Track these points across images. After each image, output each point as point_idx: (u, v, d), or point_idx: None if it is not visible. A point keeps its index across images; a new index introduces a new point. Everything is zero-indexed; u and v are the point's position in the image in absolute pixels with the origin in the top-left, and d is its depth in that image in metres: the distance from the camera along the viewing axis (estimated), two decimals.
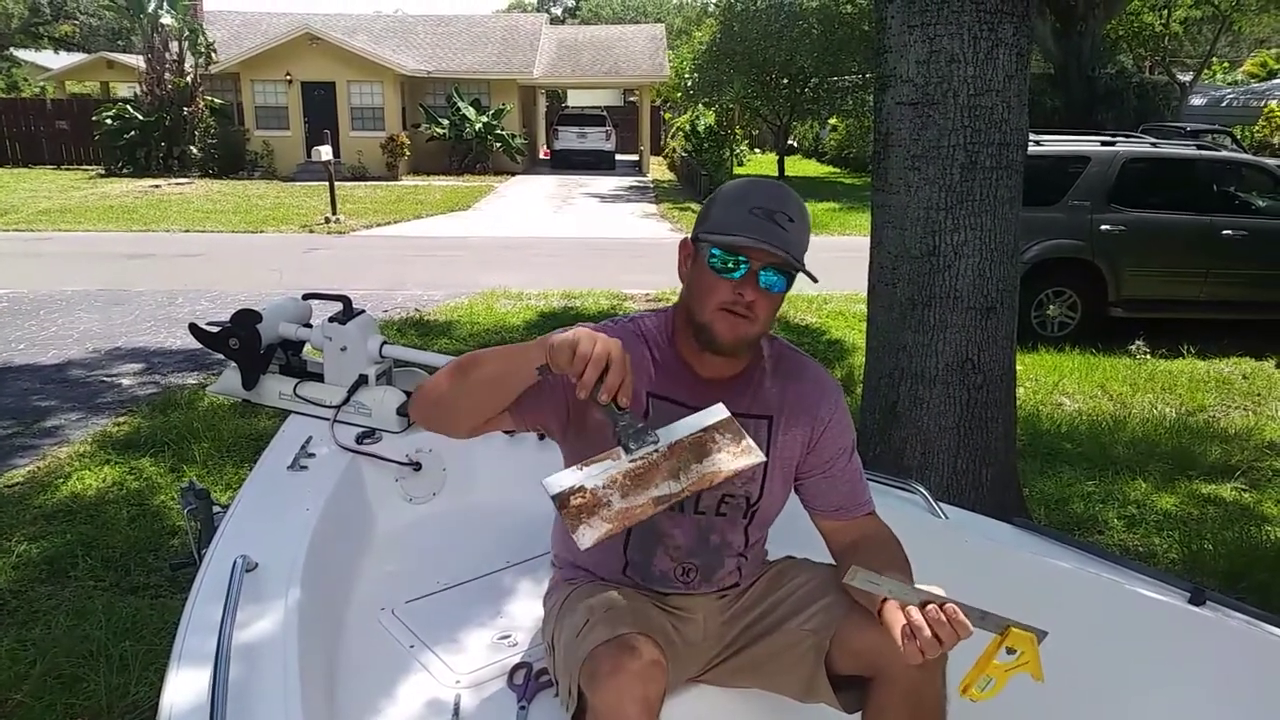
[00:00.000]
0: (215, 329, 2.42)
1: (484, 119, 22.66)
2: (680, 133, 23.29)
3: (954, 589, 1.32)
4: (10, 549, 3.39)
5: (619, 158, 27.00)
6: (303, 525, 1.84)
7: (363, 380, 2.35)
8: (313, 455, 2.18)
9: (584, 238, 13.37)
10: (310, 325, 2.52)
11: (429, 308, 8.05)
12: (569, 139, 25.73)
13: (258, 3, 27.09)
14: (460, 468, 2.37)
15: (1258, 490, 4.13)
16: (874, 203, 3.16)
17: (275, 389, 2.44)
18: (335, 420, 2.30)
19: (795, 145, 30.18)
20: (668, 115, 30.61)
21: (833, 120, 25.33)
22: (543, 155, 28.90)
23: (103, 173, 20.78)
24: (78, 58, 29.02)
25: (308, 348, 2.56)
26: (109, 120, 20.24)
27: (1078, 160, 7.09)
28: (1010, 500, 3.23)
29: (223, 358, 2.46)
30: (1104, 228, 6.94)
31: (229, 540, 1.76)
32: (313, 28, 21.54)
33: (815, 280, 1.47)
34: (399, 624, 1.86)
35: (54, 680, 2.58)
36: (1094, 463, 4.39)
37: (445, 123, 22.50)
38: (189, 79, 20.67)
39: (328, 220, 13.52)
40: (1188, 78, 23.61)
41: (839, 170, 25.83)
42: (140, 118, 20.29)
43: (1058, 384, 5.84)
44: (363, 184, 19.80)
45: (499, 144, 22.85)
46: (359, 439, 2.27)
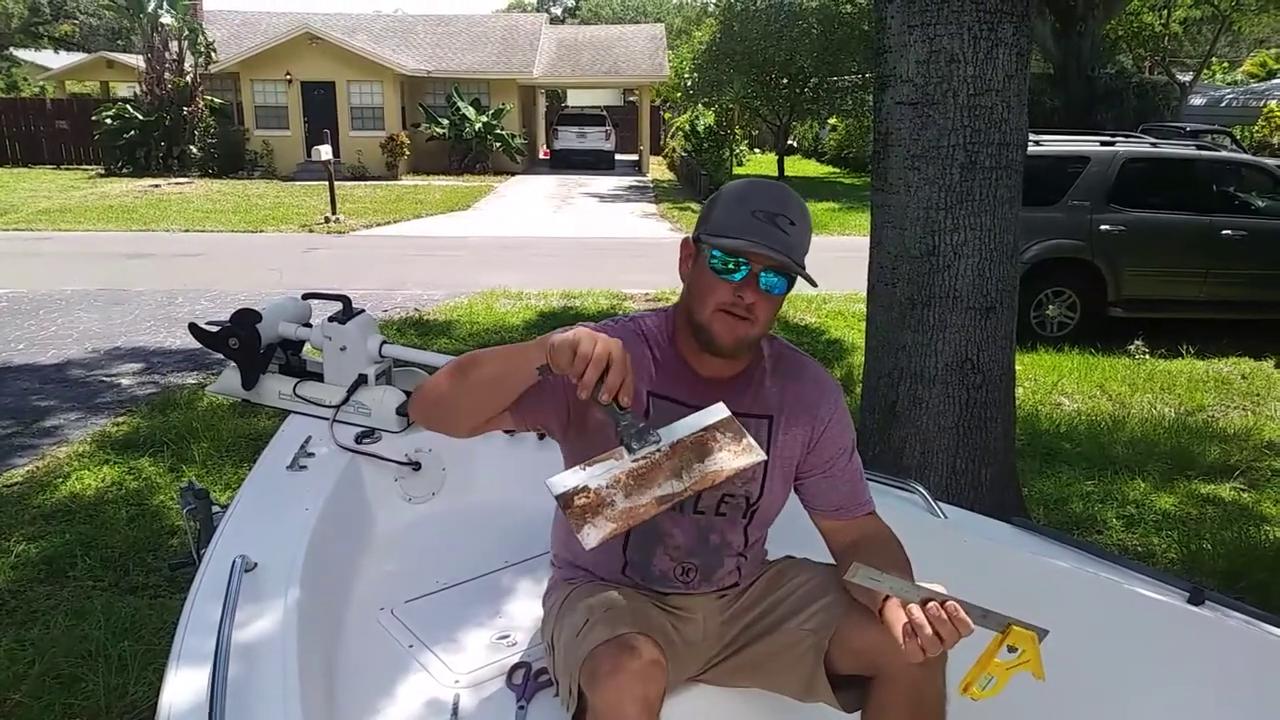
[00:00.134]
0: (215, 329, 2.42)
1: (484, 119, 22.67)
2: (680, 132, 23.30)
3: (953, 588, 1.32)
4: (9, 549, 3.39)
5: (619, 157, 27.01)
6: (302, 525, 1.84)
7: (362, 380, 2.35)
8: (312, 455, 2.18)
9: (583, 237, 13.37)
10: (310, 325, 2.52)
11: (428, 307, 8.05)
12: (569, 139, 25.74)
13: (257, 2, 27.06)
14: (460, 468, 2.37)
15: (1257, 490, 4.13)
16: (873, 202, 3.16)
17: (275, 389, 2.44)
18: (335, 420, 2.30)
19: (795, 145, 30.19)
20: (667, 115, 30.61)
21: (832, 120, 25.34)
22: (542, 155, 28.90)
23: (102, 172, 20.78)
24: (77, 57, 29.02)
25: (307, 347, 2.56)
26: (109, 120, 20.24)
27: (1077, 160, 7.09)
28: (1009, 500, 3.23)
29: (222, 357, 2.46)
30: (1103, 228, 6.94)
31: (228, 540, 1.76)
32: (312, 27, 21.55)
33: (815, 285, 1.47)
34: (398, 624, 1.86)
35: (53, 680, 2.58)
36: (1093, 462, 4.40)
37: (445, 122, 22.50)
38: (189, 79, 20.67)
39: (327, 220, 13.52)
40: (1187, 78, 23.62)
41: (838, 170, 25.83)
42: (140, 117, 20.29)
43: (1057, 384, 5.84)
44: (362, 184, 19.80)
45: (499, 144, 22.85)
46: (358, 439, 2.27)
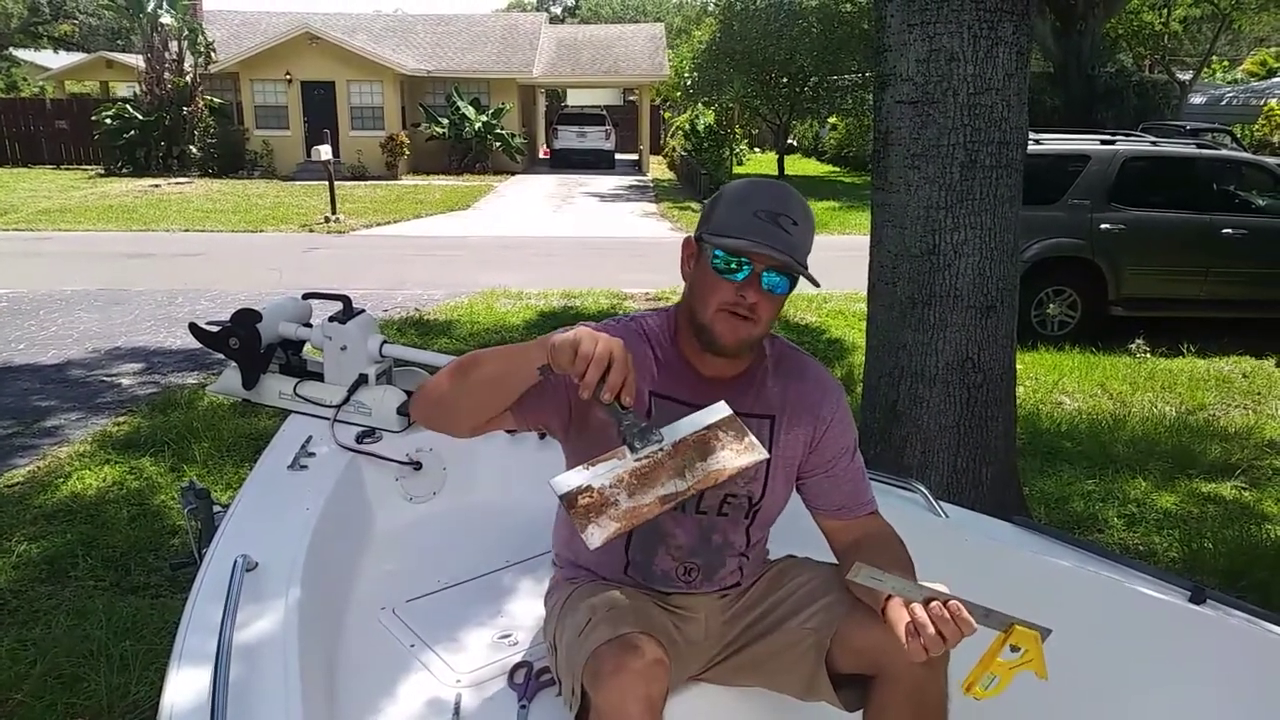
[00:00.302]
0: (215, 328, 2.42)
1: (483, 118, 22.66)
2: (680, 132, 23.29)
3: (955, 588, 1.32)
4: (10, 549, 3.39)
5: (618, 157, 27.00)
6: (303, 525, 1.84)
7: (363, 379, 2.35)
8: (313, 455, 2.18)
9: (583, 237, 13.37)
10: (310, 325, 2.52)
11: (429, 307, 8.04)
12: (568, 138, 25.74)
13: (257, 2, 27.03)
14: (461, 467, 2.37)
15: (1258, 489, 4.13)
16: (874, 201, 3.16)
17: (275, 388, 2.44)
18: (335, 420, 2.30)
19: (795, 144, 30.18)
20: (667, 114, 30.60)
21: (832, 119, 25.35)
22: (542, 154, 28.90)
23: (102, 172, 20.78)
24: (77, 57, 29.01)
25: (308, 347, 2.56)
26: (108, 120, 20.24)
27: (1077, 159, 7.09)
28: (1010, 499, 3.23)
29: (223, 357, 2.45)
30: (1104, 226, 6.94)
31: (229, 540, 1.76)
32: (312, 27, 21.54)
33: (817, 285, 1.47)
34: (399, 623, 1.86)
35: (54, 680, 2.58)
36: (1094, 461, 4.40)
37: (445, 122, 22.49)
38: (188, 78, 20.67)
39: (327, 220, 13.52)
40: (1187, 76, 23.61)
41: (838, 169, 25.82)
42: (140, 117, 20.28)
43: (1058, 383, 5.84)
44: (362, 183, 19.79)
45: (498, 143, 22.84)
46: (359, 438, 2.27)
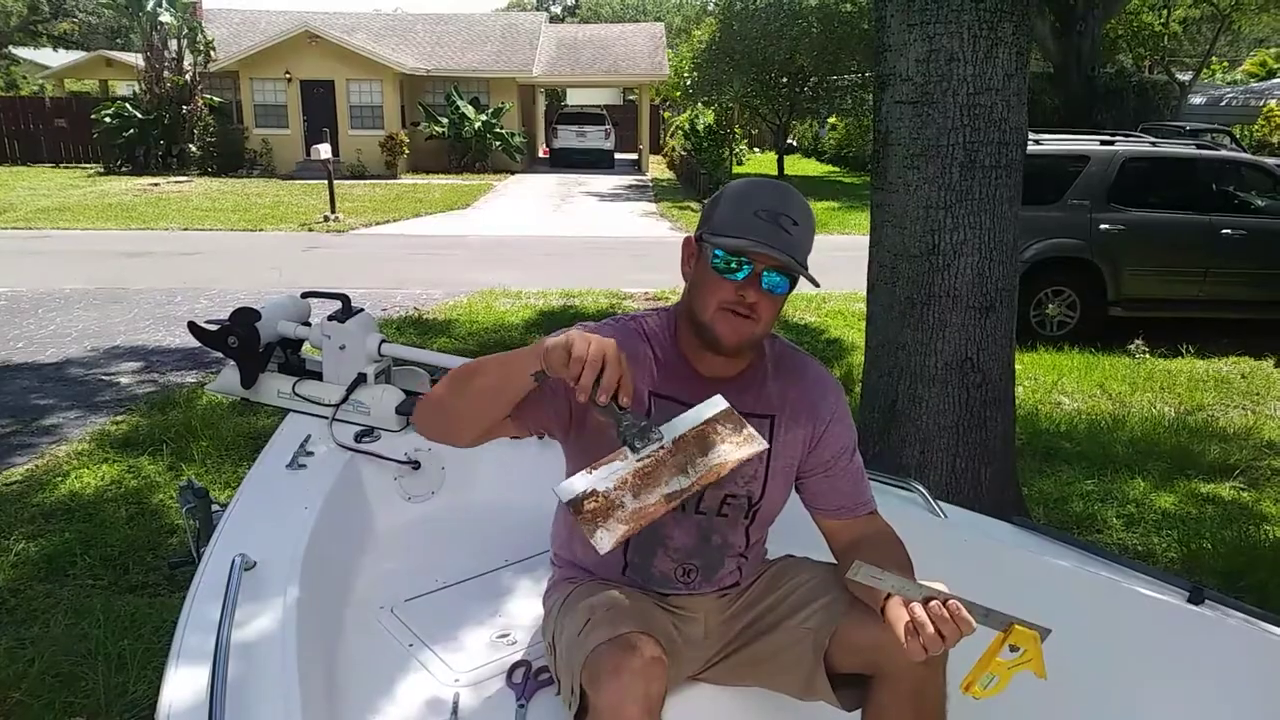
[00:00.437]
0: (214, 327, 2.42)
1: (483, 117, 22.65)
2: (679, 131, 23.27)
3: (953, 588, 1.32)
4: (9, 547, 3.39)
5: (618, 156, 27.00)
6: (301, 524, 1.84)
7: (361, 379, 2.35)
8: (311, 454, 2.18)
9: (583, 236, 13.36)
10: (309, 323, 2.52)
11: (428, 306, 8.04)
12: (568, 138, 25.72)
13: (257, 0, 26.99)
14: (459, 466, 2.37)
15: (1256, 489, 4.13)
16: (873, 201, 3.17)
17: (274, 387, 2.44)
18: (334, 419, 2.30)
19: (794, 144, 30.20)
20: (667, 114, 30.60)
21: (832, 119, 25.36)
22: (542, 154, 28.89)
23: (101, 171, 20.77)
24: (76, 56, 28.99)
25: (306, 346, 2.55)
26: (108, 118, 20.22)
27: (1077, 159, 7.09)
28: (1009, 499, 3.24)
29: (221, 356, 2.45)
30: (1103, 227, 6.94)
31: (228, 539, 1.76)
32: (312, 26, 21.53)
33: (817, 285, 1.47)
34: (398, 622, 1.86)
35: (52, 678, 2.58)
36: (1093, 462, 4.40)
37: (444, 121, 22.48)
38: (188, 77, 20.66)
39: (327, 219, 13.51)
40: (1187, 77, 23.64)
41: (838, 169, 25.83)
42: (139, 116, 20.27)
43: (1057, 383, 5.84)
44: (362, 182, 19.79)
45: (498, 143, 22.83)
46: (358, 437, 2.27)
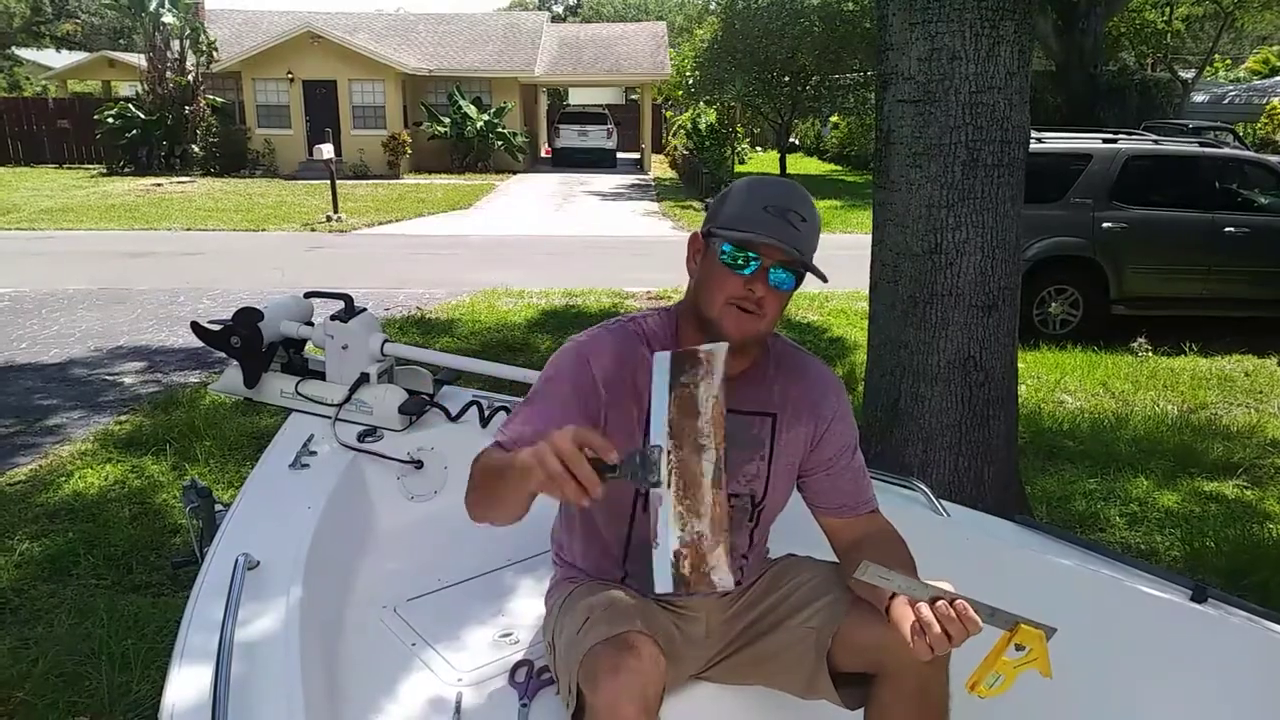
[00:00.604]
0: (217, 327, 2.43)
1: (485, 117, 22.66)
2: (682, 131, 23.27)
3: (956, 586, 1.32)
4: (12, 547, 3.40)
5: (620, 156, 26.99)
6: (304, 523, 1.84)
7: (364, 378, 2.35)
8: (314, 453, 2.18)
9: (585, 236, 13.37)
10: (312, 323, 2.52)
11: (431, 306, 8.05)
12: (570, 137, 25.73)
13: (259, 1, 27.05)
14: (462, 466, 2.33)
15: (1260, 488, 4.12)
16: (876, 200, 3.16)
17: (277, 387, 2.44)
18: (337, 418, 2.31)
19: (797, 143, 30.19)
20: (669, 113, 30.59)
21: (834, 118, 25.35)
22: (544, 153, 28.89)
23: (104, 171, 20.80)
24: (79, 56, 29.05)
25: (309, 346, 2.56)
26: (110, 119, 20.26)
27: (1080, 158, 7.08)
28: (1012, 498, 3.23)
29: (224, 356, 2.46)
30: (1106, 225, 6.93)
31: (231, 538, 1.76)
32: (314, 26, 21.55)
33: (825, 279, 1.46)
34: (400, 622, 1.86)
35: (56, 678, 2.59)
36: (1096, 460, 4.39)
37: (447, 121, 22.49)
38: (190, 77, 20.70)
39: (329, 219, 13.53)
40: (1190, 75, 23.58)
41: (840, 168, 25.83)
42: (142, 116, 20.31)
43: (1059, 381, 5.83)
44: (364, 182, 19.81)
45: (500, 142, 22.84)
46: (360, 437, 2.27)
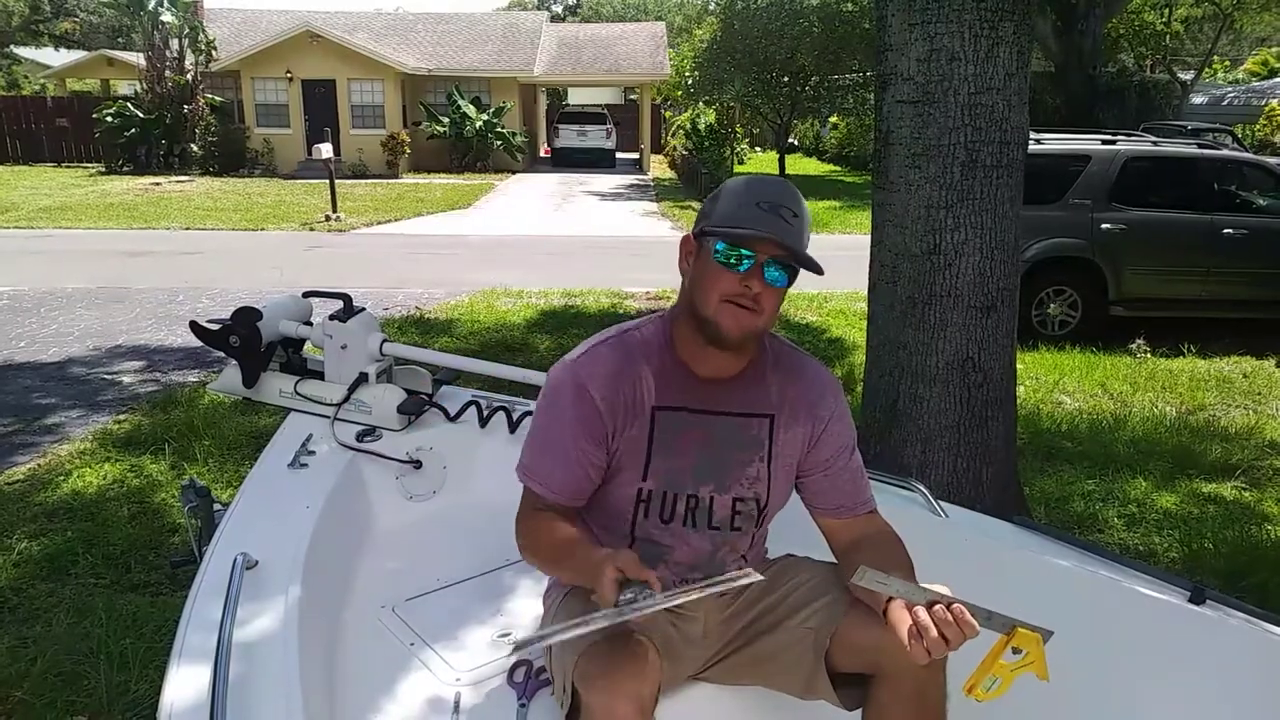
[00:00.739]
0: (216, 326, 2.42)
1: (484, 117, 22.65)
2: (681, 131, 23.28)
3: (954, 587, 1.32)
4: (11, 546, 3.39)
5: (619, 156, 26.98)
6: (303, 523, 1.84)
7: (363, 378, 2.35)
8: (313, 453, 2.18)
9: (584, 236, 13.36)
10: (311, 323, 2.52)
11: (429, 306, 8.04)
12: (569, 137, 25.72)
13: (258, 0, 26.99)
14: (461, 466, 2.37)
15: (1258, 489, 4.13)
16: (875, 201, 3.16)
17: (276, 386, 2.44)
18: (336, 418, 2.31)
19: (796, 143, 30.19)
20: (668, 113, 30.60)
21: (833, 118, 25.35)
22: (543, 153, 28.89)
23: (103, 170, 20.79)
24: (78, 55, 29.02)
25: (308, 345, 2.56)
26: (109, 118, 20.24)
27: (1078, 159, 7.09)
28: (1010, 499, 3.23)
29: (223, 355, 2.46)
30: (1105, 226, 6.94)
31: (229, 538, 1.76)
32: (313, 25, 21.54)
33: (820, 272, 1.45)
34: (399, 622, 1.86)
35: (54, 677, 2.58)
36: (1094, 461, 4.39)
37: (446, 121, 22.48)
38: (189, 76, 20.67)
39: (328, 218, 13.52)
40: (1189, 76, 23.60)
41: (839, 168, 25.83)
42: (141, 115, 20.29)
43: (1058, 382, 5.84)
44: (363, 182, 19.79)
45: (499, 142, 22.84)
46: (359, 437, 2.27)
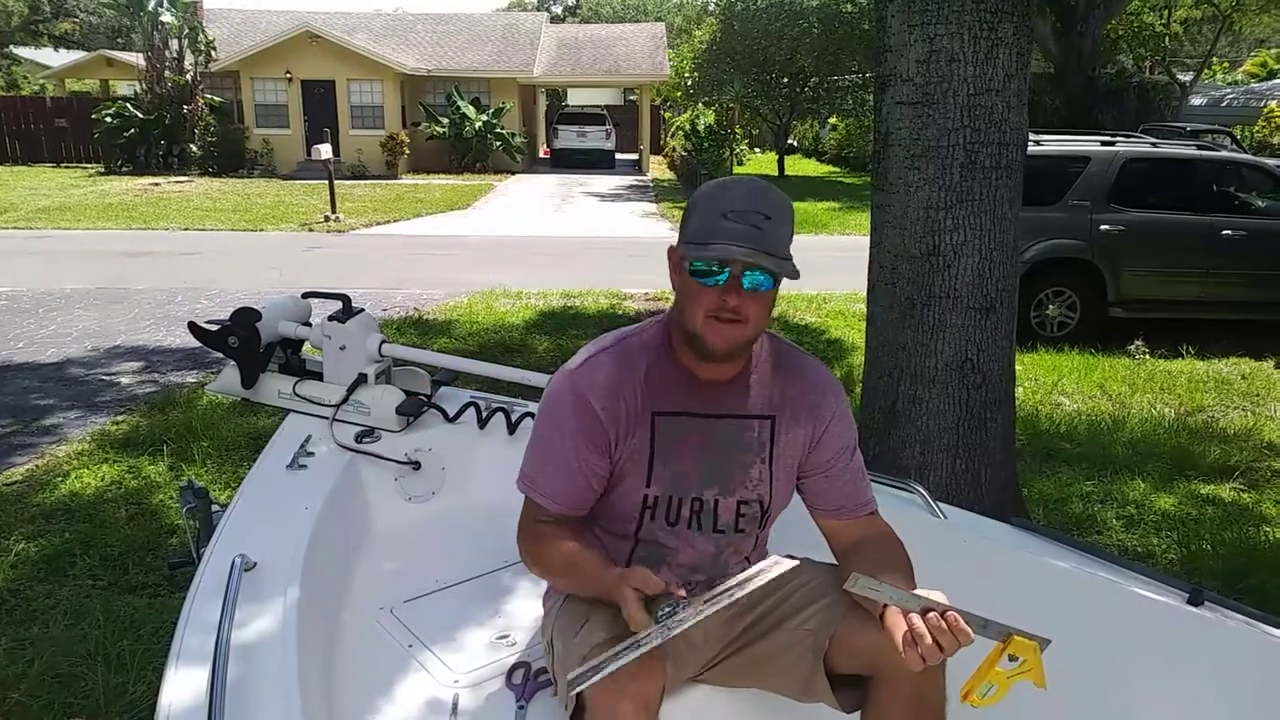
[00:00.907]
0: (214, 327, 2.42)
1: (484, 118, 22.65)
2: (680, 132, 23.30)
3: (952, 589, 1.32)
4: (8, 548, 3.39)
5: (619, 157, 26.98)
6: (301, 524, 1.84)
7: (362, 379, 2.35)
8: (312, 454, 2.18)
9: (584, 236, 13.36)
10: (309, 324, 2.52)
11: (428, 306, 8.04)
12: (569, 138, 25.72)
13: (257, 0, 27.00)
14: (460, 467, 2.37)
15: (1256, 491, 4.13)
16: (874, 202, 3.16)
17: (274, 387, 2.44)
18: (334, 419, 2.30)
19: (795, 144, 30.21)
20: (668, 114, 30.61)
21: (833, 120, 25.38)
22: (542, 154, 28.89)
23: (102, 171, 20.78)
24: (77, 55, 29.02)
25: (307, 346, 2.56)
26: (108, 118, 20.23)
27: (1077, 160, 7.09)
28: (1009, 500, 3.23)
29: (222, 356, 2.45)
30: (1104, 228, 6.94)
31: (228, 539, 1.76)
32: (313, 26, 21.54)
33: (796, 277, 1.42)
34: (397, 623, 1.86)
35: (52, 679, 2.58)
36: (1093, 463, 4.39)
37: (445, 121, 22.48)
38: (189, 77, 20.67)
39: (327, 219, 13.52)
40: (1188, 78, 23.62)
41: (839, 169, 25.84)
42: (140, 116, 20.28)
43: (1057, 384, 5.84)
44: (362, 182, 19.79)
45: (499, 143, 22.83)
46: (358, 438, 2.27)
